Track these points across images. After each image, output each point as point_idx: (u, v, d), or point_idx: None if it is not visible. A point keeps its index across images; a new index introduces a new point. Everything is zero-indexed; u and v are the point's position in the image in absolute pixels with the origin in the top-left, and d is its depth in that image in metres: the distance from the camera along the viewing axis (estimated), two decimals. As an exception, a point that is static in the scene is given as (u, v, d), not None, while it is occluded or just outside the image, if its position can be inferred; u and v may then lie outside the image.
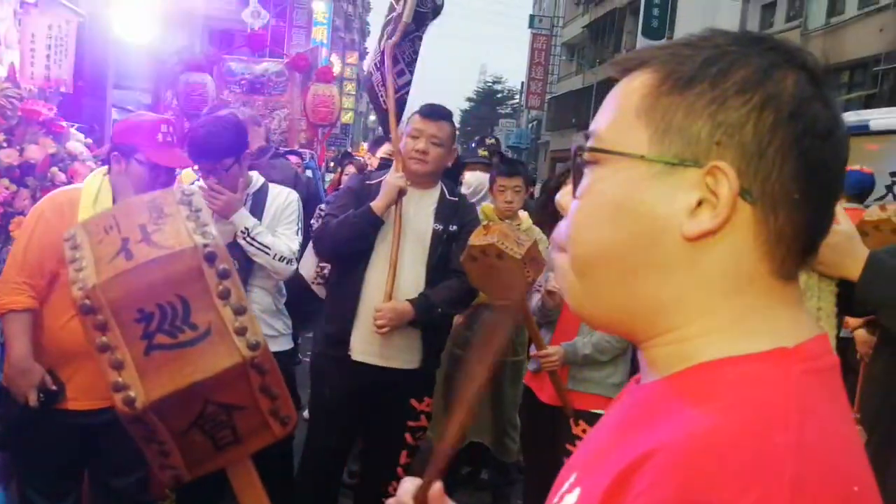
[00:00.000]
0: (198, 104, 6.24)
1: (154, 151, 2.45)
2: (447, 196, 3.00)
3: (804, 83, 0.61)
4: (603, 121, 0.67)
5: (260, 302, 2.84)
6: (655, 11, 25.25)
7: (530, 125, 44.17)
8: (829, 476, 0.52)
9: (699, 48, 0.63)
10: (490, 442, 3.79)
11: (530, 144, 41.90)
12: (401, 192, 2.82)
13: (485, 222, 2.83)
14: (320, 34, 24.35)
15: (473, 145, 4.82)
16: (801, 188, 0.60)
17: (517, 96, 50.90)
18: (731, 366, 0.59)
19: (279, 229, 2.87)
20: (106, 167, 2.58)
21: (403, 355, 2.91)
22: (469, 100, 58.85)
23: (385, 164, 3.86)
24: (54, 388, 2.39)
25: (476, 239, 2.63)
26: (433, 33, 3.25)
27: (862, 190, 4.61)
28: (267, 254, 2.75)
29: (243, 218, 2.74)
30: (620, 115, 0.65)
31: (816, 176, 0.61)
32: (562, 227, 0.70)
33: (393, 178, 2.82)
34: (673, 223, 0.61)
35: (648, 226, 0.62)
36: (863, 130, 5.94)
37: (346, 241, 2.84)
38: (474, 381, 0.85)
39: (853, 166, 5.14)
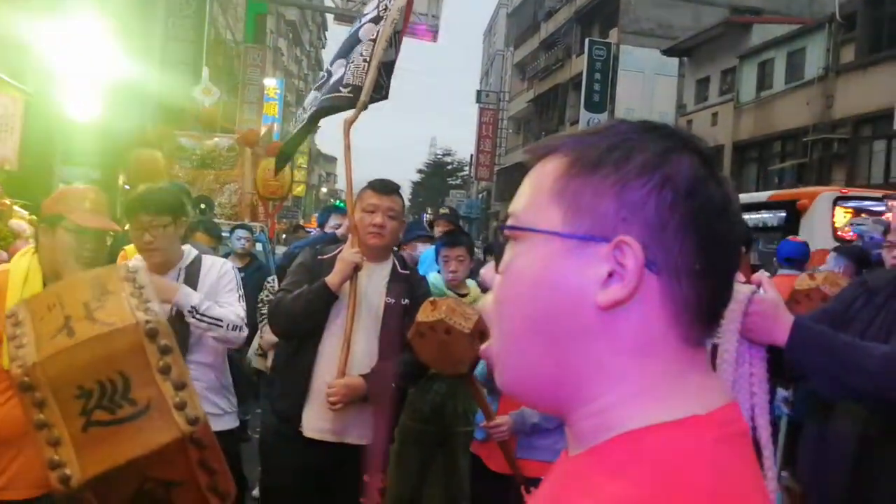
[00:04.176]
0: (148, 180, 6.24)
1: (81, 216, 2.41)
2: (399, 269, 3.03)
3: (698, 165, 0.67)
4: (521, 202, 0.72)
5: (202, 379, 2.78)
6: (596, 87, 26.27)
7: (480, 195, 44.86)
8: None
9: (604, 136, 0.69)
10: (442, 514, 3.74)
11: (480, 214, 42.46)
12: (356, 268, 2.82)
13: (431, 298, 2.86)
14: (272, 110, 24.60)
15: (425, 216, 4.89)
16: (701, 259, 0.65)
17: (467, 168, 51.79)
18: (649, 436, 0.62)
19: (221, 299, 2.84)
20: (32, 246, 2.52)
21: (357, 431, 2.87)
22: (420, 171, 59.61)
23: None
24: None
25: (424, 315, 2.64)
26: (385, 107, 3.34)
27: (800, 257, 4.81)
28: (220, 326, 2.72)
29: (188, 297, 2.70)
30: (536, 196, 0.70)
31: (714, 248, 0.65)
32: (487, 303, 0.74)
33: (349, 255, 2.82)
34: (587, 294, 0.64)
35: (566, 297, 0.65)
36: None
37: (301, 316, 2.82)
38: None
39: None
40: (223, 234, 6.45)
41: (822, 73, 17.25)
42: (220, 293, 2.85)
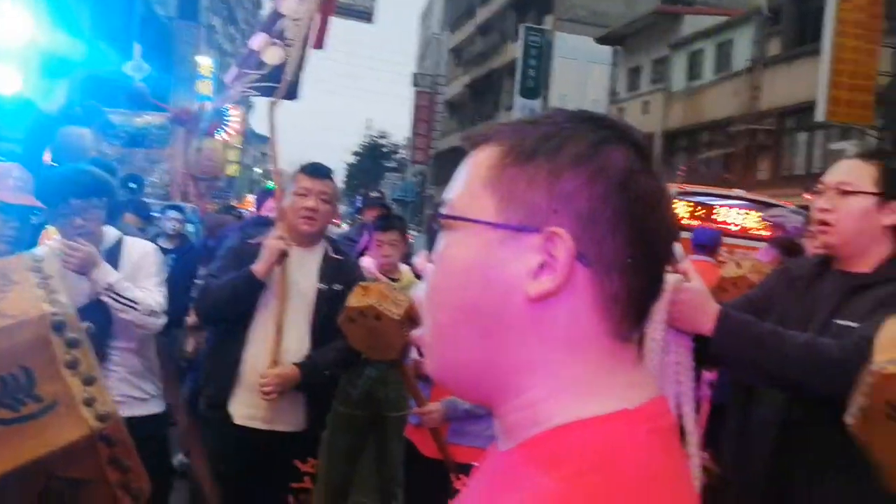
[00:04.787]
0: (75, 158, 5.99)
1: (4, 194, 2.37)
2: (331, 254, 2.98)
3: (633, 157, 0.66)
4: (455, 190, 0.70)
5: (125, 364, 2.71)
6: (531, 73, 26.50)
7: (415, 179, 44.83)
8: None
9: (539, 125, 0.68)
10: (375, 502, 3.74)
11: (416, 198, 42.46)
12: (282, 255, 2.76)
13: (363, 283, 2.83)
14: (205, 88, 23.94)
15: (359, 199, 4.86)
16: (632, 253, 0.64)
17: (402, 151, 51.67)
18: (579, 430, 0.62)
19: (142, 283, 2.73)
20: None
21: (288, 418, 2.84)
22: (355, 154, 59.20)
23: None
24: None
25: (354, 300, 2.62)
26: (318, 88, 3.28)
27: (711, 243, 4.97)
28: (135, 309, 2.62)
29: (105, 273, 2.58)
30: (470, 184, 0.69)
31: (646, 242, 0.65)
32: (420, 291, 0.73)
33: (273, 242, 2.75)
34: (518, 285, 0.64)
35: (497, 287, 0.65)
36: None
37: (227, 304, 2.77)
38: None
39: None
40: (153, 215, 6.30)
41: (749, 65, 17.80)
42: (140, 277, 2.75)
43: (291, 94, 3.13)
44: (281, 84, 3.03)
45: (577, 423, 0.62)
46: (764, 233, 8.93)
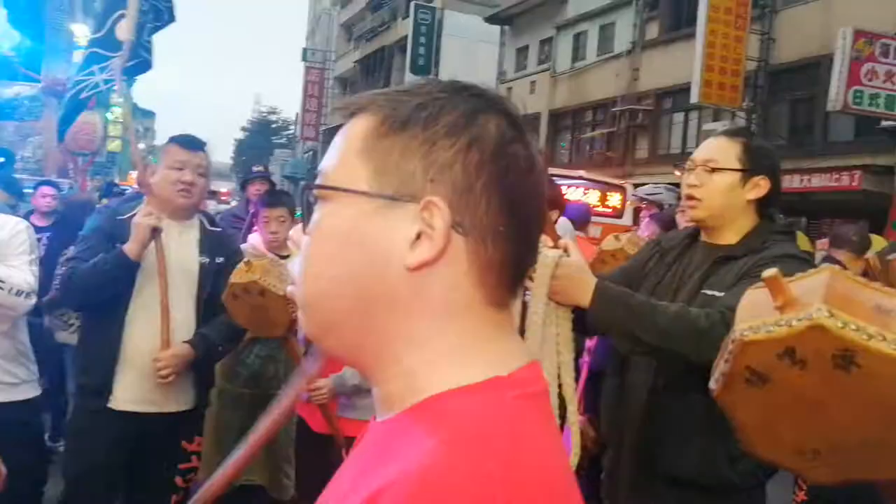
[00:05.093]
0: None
1: None
2: (208, 227, 2.89)
3: (505, 127, 0.67)
4: (330, 160, 0.70)
5: None
6: (421, 51, 26.45)
7: (306, 155, 43.98)
8: (537, 497, 0.58)
9: (413, 94, 0.68)
10: (264, 480, 3.69)
11: (306, 175, 41.65)
12: (155, 232, 2.63)
13: (246, 258, 2.77)
14: (81, 58, 22.45)
15: (248, 174, 4.74)
16: (506, 221, 0.65)
17: (292, 127, 50.53)
18: (453, 398, 0.62)
19: (10, 261, 2.58)
20: None
21: (177, 397, 2.75)
22: (244, 129, 57.41)
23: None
24: None
25: (238, 276, 2.56)
26: (205, 61, 3.19)
27: (582, 218, 5.19)
28: (1, 288, 2.49)
29: None
30: (345, 154, 0.68)
31: (519, 210, 0.66)
32: (296, 263, 0.72)
33: (144, 220, 2.60)
34: (396, 255, 0.64)
35: (374, 258, 0.65)
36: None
37: (98, 289, 2.61)
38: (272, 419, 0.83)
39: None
40: (26, 191, 5.94)
41: (629, 48, 18.42)
42: (8, 255, 2.59)
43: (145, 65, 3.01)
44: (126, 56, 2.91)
45: (451, 392, 0.63)
46: (605, 210, 9.75)
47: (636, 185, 10.65)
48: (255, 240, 3.70)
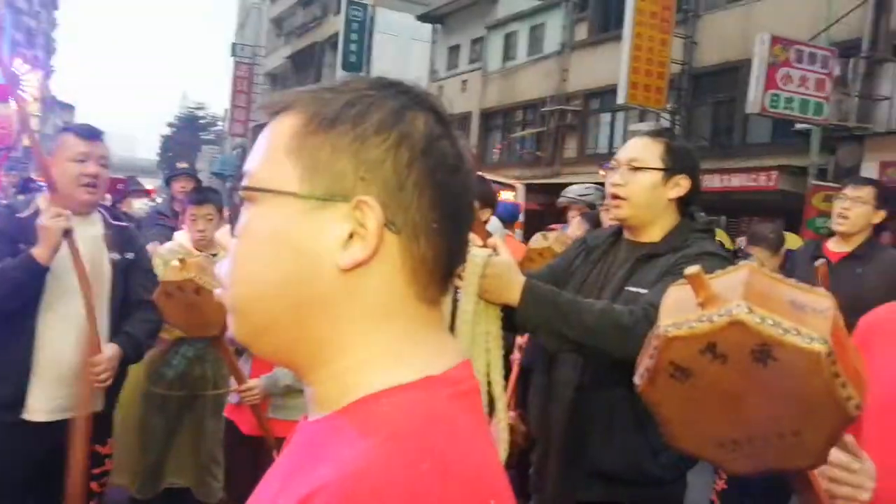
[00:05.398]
0: None
1: None
2: (111, 221, 2.74)
3: (433, 123, 0.67)
4: (256, 161, 0.68)
5: None
6: (353, 47, 26.27)
7: (235, 152, 43.12)
8: (470, 494, 0.59)
9: (340, 92, 0.67)
10: (191, 483, 3.61)
11: (235, 171, 40.83)
12: (66, 234, 2.41)
13: (179, 256, 2.69)
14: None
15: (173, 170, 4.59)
16: (437, 217, 0.66)
17: (221, 123, 49.49)
18: (386, 398, 0.62)
19: None
20: None
21: (93, 401, 2.61)
22: (170, 125, 55.90)
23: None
24: None
25: (172, 274, 2.49)
26: (129, 54, 3.04)
27: (510, 217, 5.28)
28: None
29: None
30: (271, 154, 0.67)
31: (450, 206, 0.67)
32: (223, 266, 0.70)
33: (53, 222, 2.36)
34: (328, 256, 0.63)
35: (306, 260, 0.64)
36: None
37: (6, 298, 2.41)
38: None
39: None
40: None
41: (559, 49, 18.70)
42: None
43: None
44: None
45: (384, 391, 0.63)
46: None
47: (565, 185, 10.84)
48: (181, 238, 3.61)
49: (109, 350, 2.58)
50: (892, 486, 1.21)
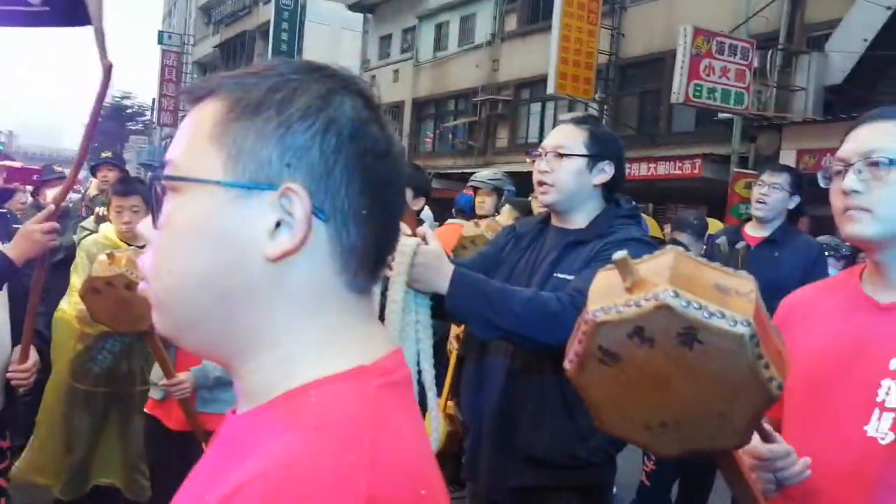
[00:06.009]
0: None
1: None
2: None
3: (361, 108, 0.65)
4: (178, 149, 0.66)
5: None
6: (284, 36, 25.81)
7: (164, 142, 41.92)
8: (400, 485, 0.58)
9: (264, 77, 0.65)
10: (120, 482, 3.49)
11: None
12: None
13: (107, 251, 2.58)
14: None
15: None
16: (367, 204, 0.64)
17: (148, 112, 48.00)
18: (315, 389, 0.61)
19: None
20: None
21: None
22: (97, 114, 53.91)
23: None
24: None
25: (100, 269, 2.40)
26: (52, 39, 2.83)
27: (469, 209, 5.28)
28: None
29: None
30: (194, 142, 0.65)
31: (379, 192, 0.65)
32: (146, 259, 0.67)
33: (46, 239, 2.30)
34: (255, 246, 0.62)
35: (232, 251, 0.62)
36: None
37: None
38: None
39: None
40: None
41: (489, 39, 18.79)
42: None
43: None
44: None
45: (314, 382, 0.61)
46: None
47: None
48: (107, 230, 3.48)
49: (33, 356, 2.49)
50: (815, 460, 1.25)
